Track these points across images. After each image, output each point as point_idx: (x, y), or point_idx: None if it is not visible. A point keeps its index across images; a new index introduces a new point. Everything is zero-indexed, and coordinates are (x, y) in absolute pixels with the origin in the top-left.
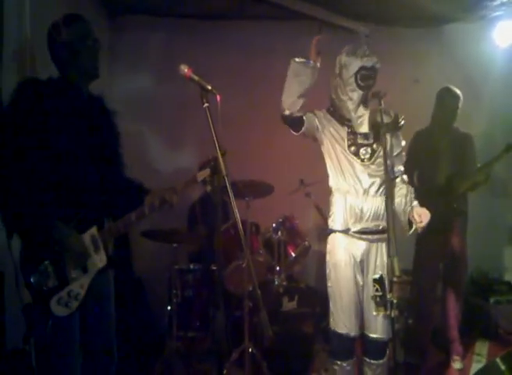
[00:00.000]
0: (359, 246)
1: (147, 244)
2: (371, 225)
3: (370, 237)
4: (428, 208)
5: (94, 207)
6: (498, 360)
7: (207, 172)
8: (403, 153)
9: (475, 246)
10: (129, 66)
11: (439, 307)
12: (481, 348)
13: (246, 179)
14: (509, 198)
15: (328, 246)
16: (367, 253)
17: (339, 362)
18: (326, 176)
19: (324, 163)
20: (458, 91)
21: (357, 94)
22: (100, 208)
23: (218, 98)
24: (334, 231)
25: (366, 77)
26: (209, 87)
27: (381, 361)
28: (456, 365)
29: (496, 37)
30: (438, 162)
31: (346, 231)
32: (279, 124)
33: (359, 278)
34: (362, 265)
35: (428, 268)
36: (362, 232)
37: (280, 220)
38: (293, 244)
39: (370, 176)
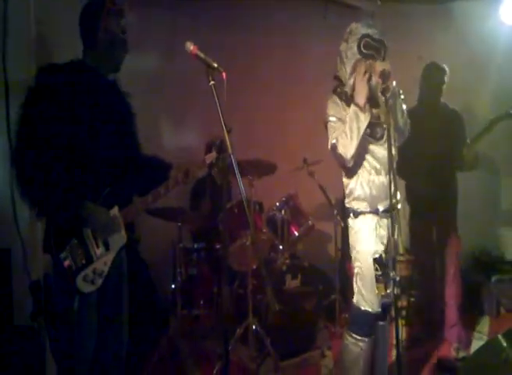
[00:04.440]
0: (384, 224)
1: (151, 222)
2: (391, 202)
3: (392, 213)
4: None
5: (119, 186)
6: (500, 337)
7: (214, 155)
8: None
9: (478, 225)
10: (134, 45)
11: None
12: (483, 325)
13: (250, 158)
14: (510, 176)
15: (355, 227)
16: (386, 230)
17: (356, 337)
18: (329, 155)
19: (327, 142)
20: (444, 66)
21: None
22: (125, 186)
23: (224, 75)
24: (361, 212)
25: (370, 46)
26: (215, 65)
27: (384, 322)
28: (457, 353)
29: (501, 15)
30: (426, 139)
31: (374, 211)
32: (282, 103)
33: (383, 255)
34: (381, 242)
35: (424, 246)
36: (387, 210)
37: (284, 199)
38: (296, 223)
39: (386, 152)
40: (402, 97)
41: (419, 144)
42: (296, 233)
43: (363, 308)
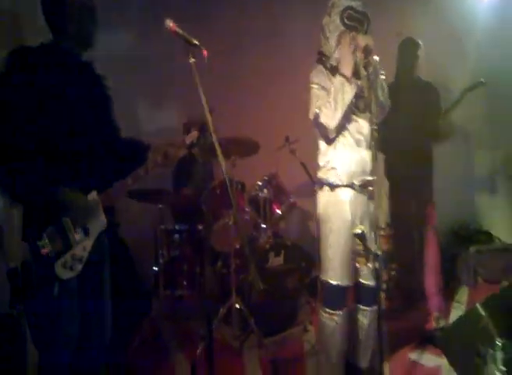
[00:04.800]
0: (361, 199)
1: (131, 205)
2: (370, 177)
3: (370, 189)
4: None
5: (97, 170)
6: (478, 306)
7: (194, 135)
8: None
9: (456, 198)
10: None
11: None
12: (461, 295)
13: (231, 137)
14: (486, 149)
15: (324, 200)
16: (364, 205)
17: (330, 311)
18: (311, 132)
19: (309, 119)
20: (419, 41)
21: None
22: (103, 170)
23: (205, 53)
24: (337, 185)
25: (353, 18)
26: (195, 42)
27: (373, 308)
28: (437, 323)
29: None
30: (403, 113)
31: (349, 185)
32: (265, 81)
33: (364, 230)
34: (359, 217)
35: (403, 220)
36: (364, 185)
37: (265, 178)
38: (278, 202)
39: (367, 126)
40: (383, 73)
41: (397, 118)
42: (279, 212)
43: (333, 282)
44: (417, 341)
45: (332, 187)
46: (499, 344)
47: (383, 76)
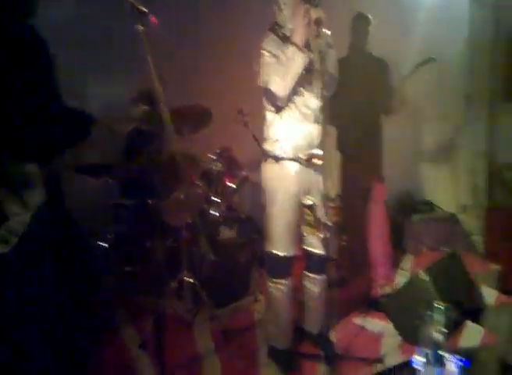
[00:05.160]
0: (308, 172)
1: (78, 179)
2: (317, 151)
3: (317, 162)
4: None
5: (38, 140)
6: (421, 272)
7: (143, 107)
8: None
9: (403, 170)
10: None
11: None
12: (406, 263)
13: (182, 108)
14: (433, 123)
15: (269, 172)
16: (311, 178)
17: (275, 281)
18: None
19: (261, 92)
20: (369, 16)
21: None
22: (44, 140)
23: (153, 20)
24: (280, 158)
25: None
26: (143, 9)
27: (322, 276)
28: (383, 290)
29: None
30: (355, 87)
31: (294, 158)
32: (216, 52)
33: (301, 202)
34: (306, 189)
35: (353, 192)
36: (309, 159)
37: (218, 151)
38: (231, 175)
39: (318, 100)
40: (333, 48)
41: (348, 92)
42: (232, 185)
43: (277, 253)
44: (363, 308)
45: (278, 159)
46: (440, 307)
47: (334, 51)
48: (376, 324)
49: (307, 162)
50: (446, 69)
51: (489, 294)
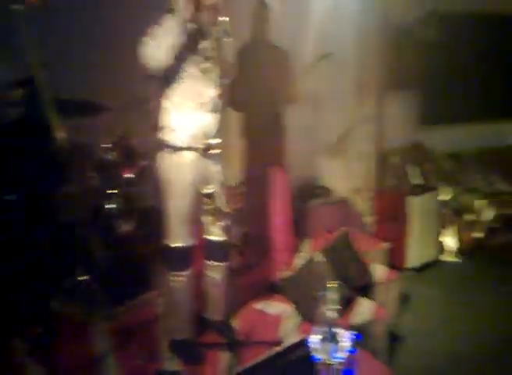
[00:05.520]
0: (201, 162)
1: None
2: (214, 141)
3: (214, 152)
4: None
5: None
6: (317, 254)
7: (20, 92)
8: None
9: (301, 157)
10: None
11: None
12: (305, 246)
13: (75, 96)
14: (328, 112)
15: (165, 162)
16: (209, 167)
17: (176, 273)
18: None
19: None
20: (270, 4)
21: None
22: None
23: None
24: (176, 148)
25: None
26: None
27: (223, 263)
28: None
29: None
30: (257, 75)
31: (190, 148)
32: (110, 35)
33: (199, 191)
34: (204, 179)
35: (256, 179)
36: (206, 148)
37: (114, 140)
38: (128, 165)
39: (215, 88)
40: (230, 36)
41: (249, 80)
42: (129, 175)
43: (176, 245)
44: (264, 292)
45: (174, 149)
46: (333, 286)
47: (231, 38)
48: (277, 307)
49: (205, 151)
50: (340, 59)
51: (379, 271)
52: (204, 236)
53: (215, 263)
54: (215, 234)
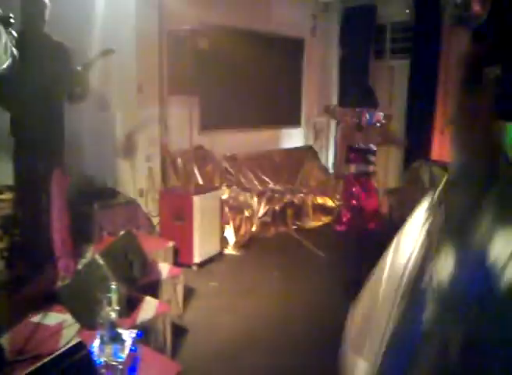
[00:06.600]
0: None
1: None
2: None
3: None
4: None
5: None
6: (96, 257)
7: None
8: None
9: (86, 157)
10: None
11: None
12: (87, 250)
13: None
14: (123, 111)
15: None
16: None
17: None
18: None
19: None
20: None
21: None
22: None
23: None
24: None
25: None
26: None
27: None
28: (63, 281)
29: None
30: (31, 69)
31: None
32: None
33: None
34: None
35: (29, 182)
36: None
37: None
38: None
39: None
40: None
41: (23, 73)
42: None
43: None
44: (43, 304)
45: None
46: (114, 287)
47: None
48: (56, 317)
49: None
50: (122, 60)
51: (164, 269)
52: None
53: None
54: None
